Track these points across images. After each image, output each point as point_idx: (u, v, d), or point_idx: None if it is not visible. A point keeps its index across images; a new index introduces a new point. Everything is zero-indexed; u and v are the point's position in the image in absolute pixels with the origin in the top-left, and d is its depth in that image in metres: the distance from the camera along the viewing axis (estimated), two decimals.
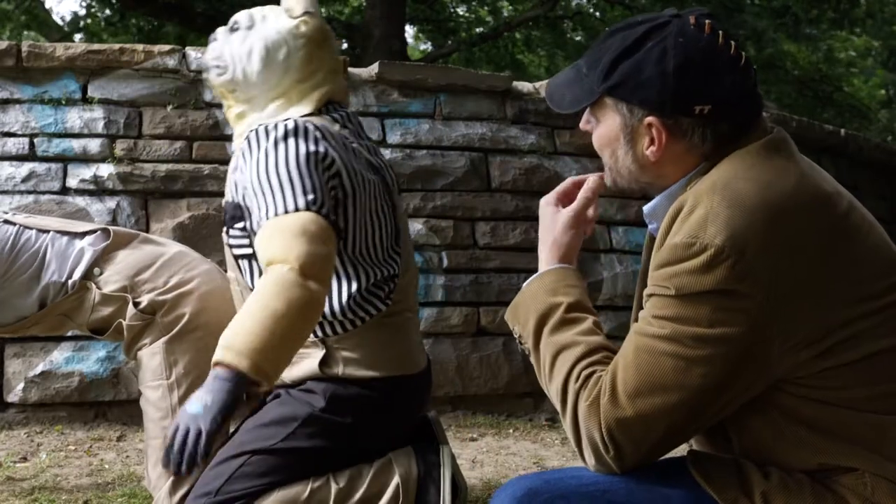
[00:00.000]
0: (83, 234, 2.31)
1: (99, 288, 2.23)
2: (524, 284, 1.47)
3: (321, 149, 1.80)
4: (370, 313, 1.89)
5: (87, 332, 2.33)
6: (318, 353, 1.90)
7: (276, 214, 1.72)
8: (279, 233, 1.70)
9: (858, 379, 1.26)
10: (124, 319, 2.22)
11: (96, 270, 2.25)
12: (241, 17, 2.00)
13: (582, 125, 1.44)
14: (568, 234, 1.45)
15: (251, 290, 1.92)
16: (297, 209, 1.71)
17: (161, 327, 2.20)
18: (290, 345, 1.70)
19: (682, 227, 1.25)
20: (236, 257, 1.93)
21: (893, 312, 1.28)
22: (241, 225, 1.88)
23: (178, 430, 1.62)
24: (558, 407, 1.35)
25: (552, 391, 1.36)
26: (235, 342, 1.65)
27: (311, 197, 1.73)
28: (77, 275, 2.24)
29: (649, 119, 1.32)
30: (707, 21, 1.32)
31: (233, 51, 1.97)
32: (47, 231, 2.30)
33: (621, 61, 1.33)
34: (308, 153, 1.78)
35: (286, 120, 1.84)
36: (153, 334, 2.21)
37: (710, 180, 1.29)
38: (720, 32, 1.31)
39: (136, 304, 2.21)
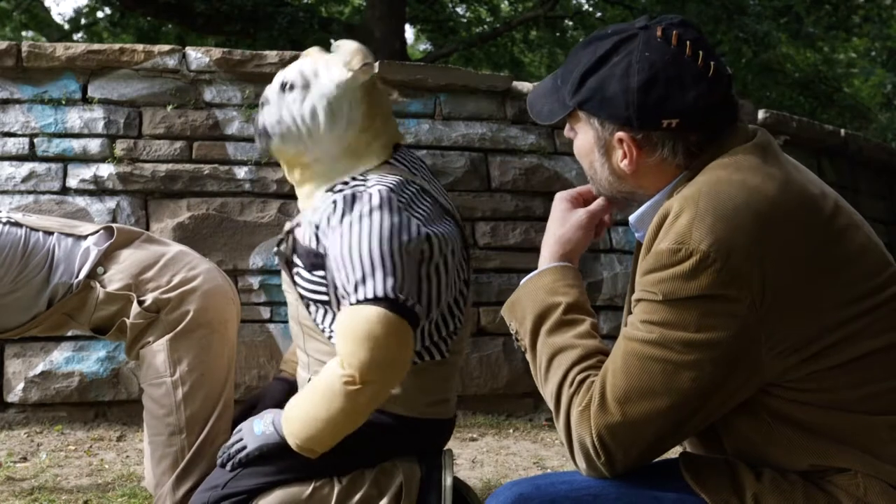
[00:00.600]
0: (87, 236, 2.32)
1: (103, 287, 2.23)
2: (523, 280, 1.47)
3: (404, 218, 1.81)
4: (423, 359, 1.90)
5: (89, 332, 2.34)
6: None
7: (356, 301, 1.74)
8: (350, 331, 1.74)
9: (848, 381, 1.26)
10: (128, 318, 2.22)
11: (100, 269, 2.25)
12: (291, 76, 1.93)
13: (566, 133, 1.45)
14: (578, 232, 1.46)
15: (321, 331, 1.91)
16: (375, 298, 1.73)
17: (165, 325, 2.21)
18: (340, 434, 1.80)
19: (668, 232, 1.25)
20: (311, 300, 1.91)
21: (883, 312, 1.28)
22: (321, 273, 1.86)
23: (237, 434, 1.89)
24: (552, 410, 1.35)
25: (547, 393, 1.37)
26: (289, 421, 1.81)
27: (390, 283, 1.74)
28: (82, 274, 2.24)
29: (619, 134, 1.33)
30: (674, 32, 1.32)
31: (293, 113, 1.91)
32: (52, 233, 2.31)
33: (589, 76, 1.34)
34: (392, 226, 1.78)
35: (371, 189, 1.82)
36: (157, 332, 2.21)
37: (695, 186, 1.29)
38: (687, 43, 1.31)
39: (140, 303, 2.21)
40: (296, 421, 1.80)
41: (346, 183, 1.88)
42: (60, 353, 3.72)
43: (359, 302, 1.74)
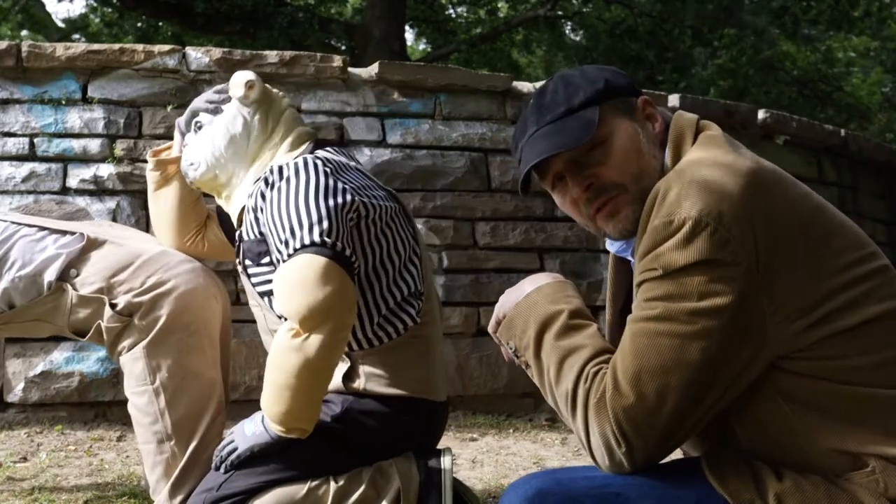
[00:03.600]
0: (63, 233, 2.26)
1: (76, 290, 2.18)
2: (513, 302, 1.48)
3: (331, 181, 1.87)
4: (398, 330, 1.92)
5: (70, 335, 2.27)
6: (342, 366, 1.95)
7: (287, 257, 1.78)
8: (284, 283, 1.77)
9: (858, 346, 1.27)
10: (102, 321, 2.16)
11: (73, 272, 2.19)
12: (201, 118, 2.16)
13: (551, 189, 1.63)
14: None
15: (272, 332, 1.96)
16: (303, 246, 1.76)
17: (139, 330, 2.15)
18: (311, 397, 1.80)
19: (659, 210, 1.29)
20: (261, 293, 1.94)
21: (880, 279, 1.30)
22: (266, 260, 1.92)
23: (229, 437, 1.92)
24: (566, 412, 1.34)
25: (559, 395, 1.35)
26: (265, 407, 1.83)
27: (317, 230, 1.76)
28: (52, 276, 2.18)
29: (643, 97, 1.48)
30: None
31: (198, 145, 2.12)
32: (22, 225, 2.26)
33: (582, 84, 1.48)
34: (318, 183, 1.84)
35: (297, 160, 1.91)
36: (132, 337, 2.16)
37: (677, 168, 1.35)
38: None
39: (112, 306, 2.15)
40: (268, 402, 1.81)
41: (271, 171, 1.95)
42: (60, 353, 3.72)
43: (289, 256, 1.77)
